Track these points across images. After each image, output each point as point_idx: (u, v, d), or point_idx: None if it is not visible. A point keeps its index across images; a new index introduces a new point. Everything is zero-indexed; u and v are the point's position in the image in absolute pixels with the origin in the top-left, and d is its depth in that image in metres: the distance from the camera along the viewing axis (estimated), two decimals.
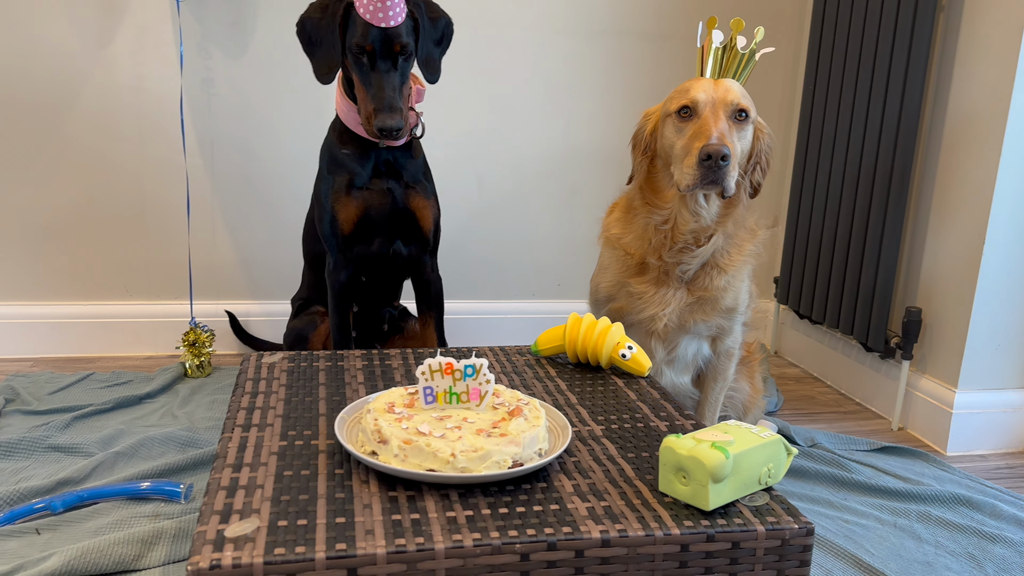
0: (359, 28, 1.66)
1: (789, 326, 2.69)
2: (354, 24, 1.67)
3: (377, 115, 1.66)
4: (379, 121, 1.66)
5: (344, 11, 1.68)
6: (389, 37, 1.66)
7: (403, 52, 1.69)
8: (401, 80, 1.70)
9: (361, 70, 1.69)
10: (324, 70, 1.74)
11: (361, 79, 1.70)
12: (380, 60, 1.67)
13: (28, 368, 2.28)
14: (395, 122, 1.66)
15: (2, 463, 1.70)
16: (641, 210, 1.62)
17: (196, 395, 2.11)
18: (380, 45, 1.66)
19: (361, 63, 1.68)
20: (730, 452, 0.93)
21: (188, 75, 2.30)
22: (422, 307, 1.97)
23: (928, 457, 1.93)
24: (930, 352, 2.07)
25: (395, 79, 1.69)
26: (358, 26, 1.66)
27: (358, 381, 1.34)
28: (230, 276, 2.48)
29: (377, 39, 1.66)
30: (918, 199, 2.11)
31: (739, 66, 1.54)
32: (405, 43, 1.68)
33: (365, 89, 1.69)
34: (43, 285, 2.38)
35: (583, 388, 1.34)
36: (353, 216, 1.78)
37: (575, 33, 2.50)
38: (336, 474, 1.01)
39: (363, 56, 1.67)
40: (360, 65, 1.69)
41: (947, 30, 2.01)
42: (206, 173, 2.39)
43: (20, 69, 2.23)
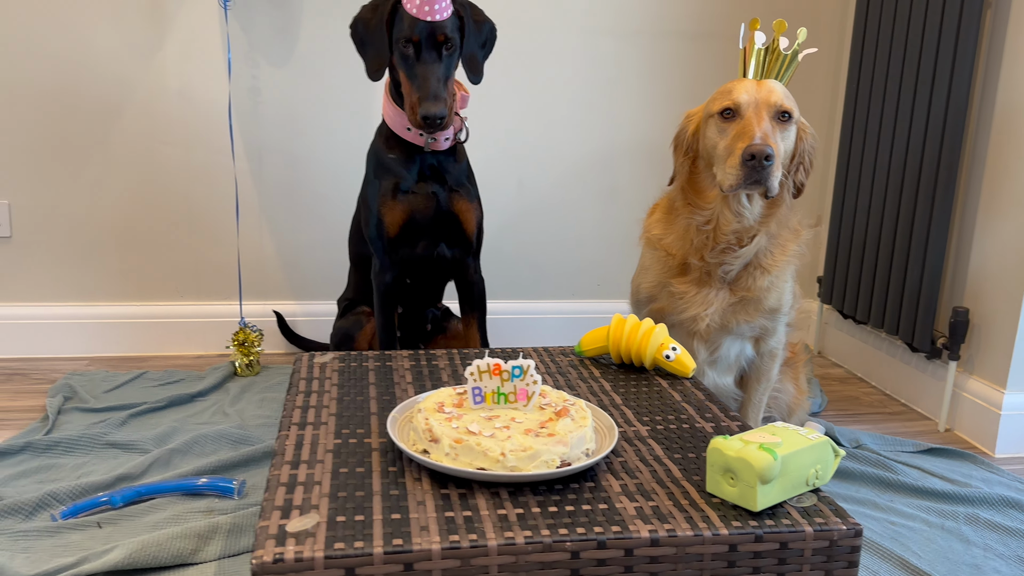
0: (406, 22, 1.71)
1: (833, 326, 2.67)
2: (401, 19, 1.72)
3: (421, 104, 1.69)
4: (423, 109, 1.68)
5: (392, 9, 1.74)
6: (434, 29, 1.71)
7: (447, 44, 1.73)
8: (445, 72, 1.73)
9: (407, 63, 1.73)
10: (374, 67, 1.78)
11: (406, 72, 1.74)
12: (425, 51, 1.71)
13: (84, 367, 2.36)
14: (439, 110, 1.68)
15: (64, 459, 1.76)
16: (683, 211, 1.63)
17: (246, 393, 2.17)
18: (425, 37, 1.71)
19: (407, 56, 1.72)
20: (778, 454, 0.94)
21: (235, 82, 2.36)
22: (465, 308, 2.00)
23: (976, 459, 1.91)
24: (978, 352, 2.05)
25: (439, 70, 1.72)
26: (405, 20, 1.71)
27: (407, 381, 1.37)
28: (277, 277, 2.53)
29: (423, 31, 1.70)
30: (965, 197, 2.08)
31: (782, 67, 1.54)
32: (450, 36, 1.72)
33: (410, 81, 1.73)
34: (97, 287, 2.45)
35: (627, 389, 1.36)
36: (399, 220, 1.82)
37: (614, 33, 2.51)
38: (390, 471, 1.04)
39: (409, 47, 1.71)
40: (406, 59, 1.73)
41: (995, 26, 1.98)
42: (253, 177, 2.44)
43: (72, 77, 2.31)
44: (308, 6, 2.36)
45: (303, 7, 2.36)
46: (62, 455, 1.78)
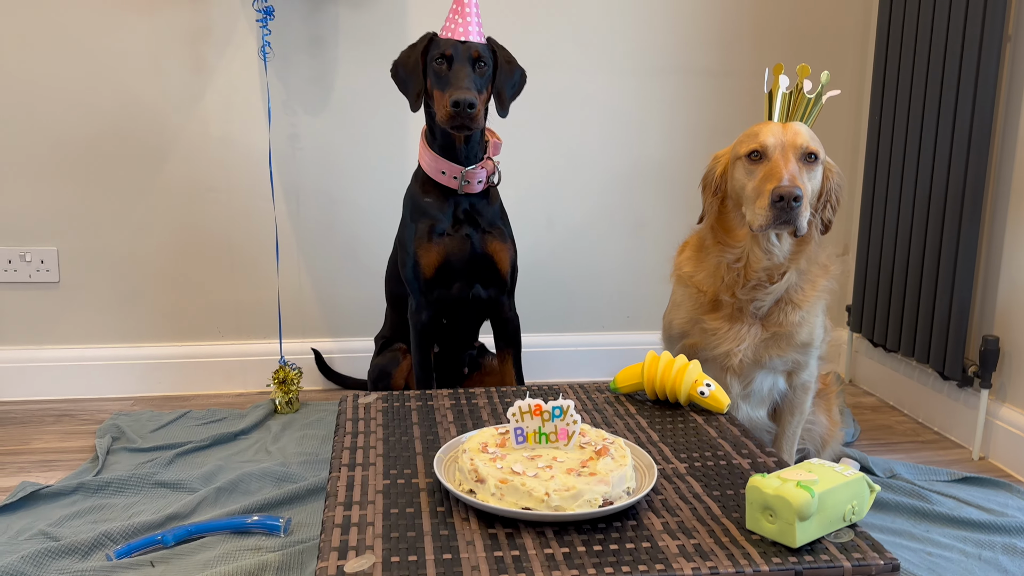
0: (440, 45, 1.81)
1: (863, 355, 2.68)
2: (436, 45, 1.83)
3: (452, 93, 1.74)
4: (453, 96, 1.73)
5: (428, 42, 1.84)
6: (467, 46, 1.80)
7: (480, 61, 1.82)
8: (477, 83, 1.80)
9: (439, 78, 1.81)
10: (414, 98, 1.86)
11: (438, 85, 1.81)
12: (457, 62, 1.79)
13: (129, 407, 2.43)
14: (468, 97, 1.72)
15: (115, 499, 1.82)
16: (713, 249, 1.66)
17: (287, 431, 2.22)
18: (458, 52, 1.80)
19: (440, 72, 1.80)
20: (815, 491, 0.97)
21: (275, 129, 2.45)
22: (500, 344, 2.05)
23: (1012, 488, 1.91)
24: (1010, 380, 2.06)
25: (472, 74, 1.78)
26: (439, 43, 1.82)
27: (448, 420, 1.42)
28: (315, 315, 2.60)
29: (456, 47, 1.80)
30: (991, 226, 2.11)
31: (806, 110, 1.58)
32: (482, 54, 1.82)
33: (442, 88, 1.80)
34: (141, 328, 2.53)
35: (663, 425, 1.39)
36: (435, 261, 1.87)
37: (639, 72, 2.57)
38: (438, 511, 1.08)
39: (443, 63, 1.80)
40: (439, 75, 1.81)
41: (1015, 58, 2.02)
42: (292, 219, 2.52)
43: (119, 127, 2.40)
44: (343, 56, 2.45)
45: (338, 57, 2.44)
46: (113, 495, 1.84)
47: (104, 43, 2.35)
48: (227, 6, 2.37)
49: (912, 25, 2.27)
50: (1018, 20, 2.01)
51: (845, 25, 2.63)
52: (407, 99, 1.89)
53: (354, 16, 2.43)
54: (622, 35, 2.54)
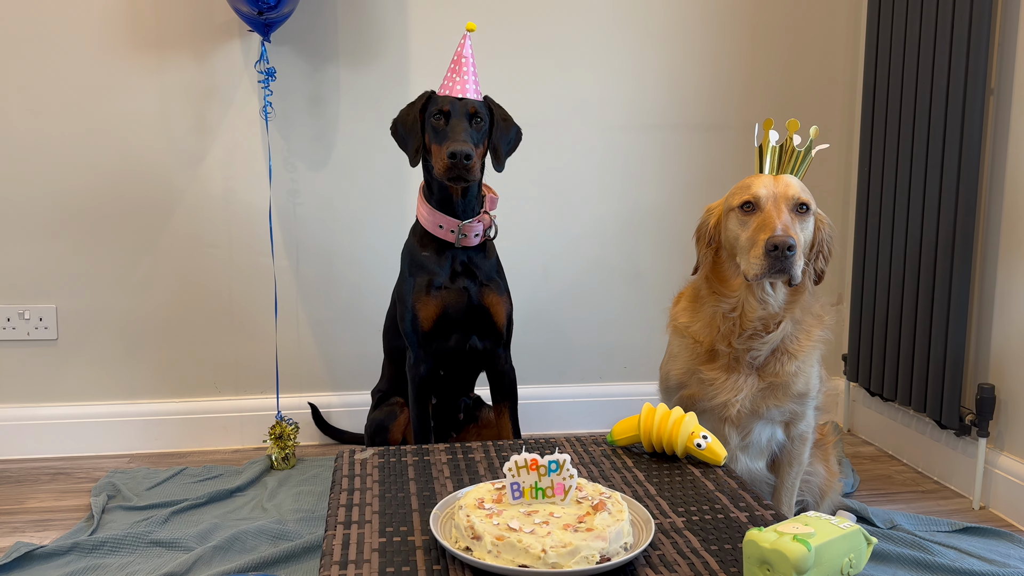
0: (438, 102, 1.86)
1: (861, 404, 2.68)
2: (434, 102, 1.87)
3: (449, 145, 1.78)
4: (450, 148, 1.77)
5: (427, 99, 1.88)
6: (464, 103, 1.84)
7: (477, 116, 1.85)
8: (473, 136, 1.83)
9: (436, 133, 1.85)
10: (412, 153, 1.90)
11: (436, 137, 1.85)
12: (454, 117, 1.83)
13: (125, 464, 2.42)
14: (465, 149, 1.76)
15: (109, 558, 1.80)
16: (708, 299, 1.68)
17: (283, 487, 2.21)
18: (455, 107, 1.84)
19: (437, 127, 1.84)
20: (812, 544, 0.97)
21: (275, 186, 2.48)
22: (497, 397, 2.05)
23: (1013, 537, 1.89)
24: (1007, 429, 2.06)
25: (468, 128, 1.82)
26: (437, 100, 1.86)
27: (445, 475, 1.41)
28: (312, 369, 2.60)
29: (453, 104, 1.84)
30: (982, 274, 2.13)
31: (796, 162, 1.61)
32: (479, 111, 1.86)
33: (438, 141, 1.83)
34: (138, 385, 2.53)
35: (661, 479, 1.39)
36: (432, 314, 1.89)
37: (632, 127, 2.62)
38: (434, 570, 1.07)
39: (440, 119, 1.84)
40: (436, 130, 1.85)
41: (998, 111, 2.06)
42: (291, 275, 2.54)
43: (121, 184, 2.44)
44: (343, 114, 2.49)
45: (339, 115, 2.49)
46: (108, 555, 1.82)
47: (108, 102, 2.40)
48: (230, 68, 2.43)
49: (898, 80, 2.32)
50: (1000, 74, 2.06)
51: (833, 80, 2.69)
52: (407, 155, 1.93)
53: (355, 76, 2.49)
54: (615, 92, 2.60)
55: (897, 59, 2.32)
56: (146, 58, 2.40)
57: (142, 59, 2.40)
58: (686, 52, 2.61)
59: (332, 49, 2.47)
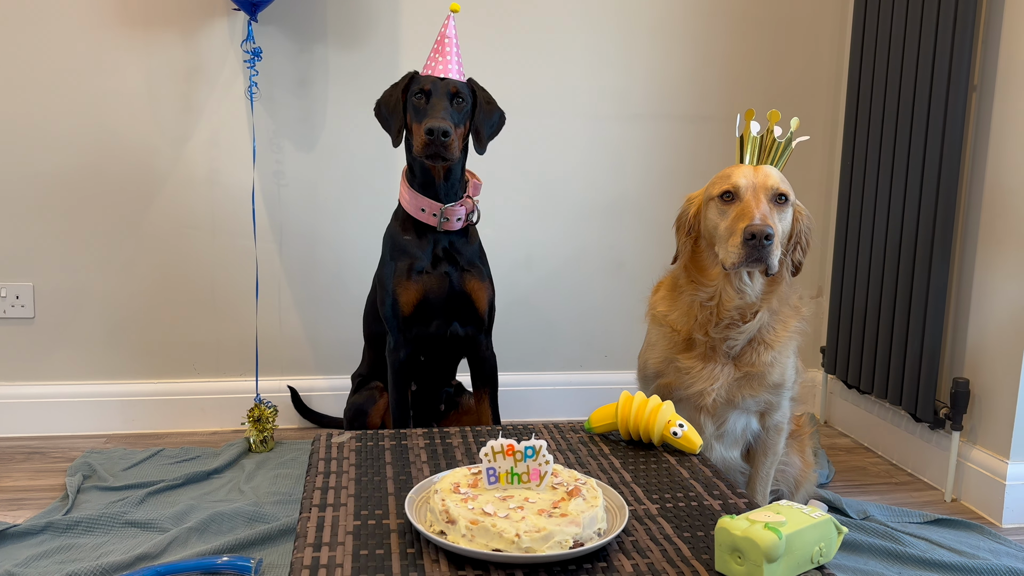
0: (420, 81, 1.85)
1: (838, 396, 2.70)
2: (416, 81, 1.86)
3: (427, 122, 1.77)
4: (427, 124, 1.76)
5: (409, 79, 1.88)
6: (446, 82, 1.84)
7: (459, 96, 1.84)
8: (454, 116, 1.83)
9: (417, 111, 1.84)
10: (395, 133, 1.90)
11: (416, 116, 1.84)
12: (435, 96, 1.83)
13: (102, 445, 2.40)
14: (444, 125, 1.75)
15: (83, 539, 1.79)
16: (687, 288, 1.69)
17: (260, 470, 2.20)
18: (437, 86, 1.83)
19: (419, 106, 1.84)
20: (783, 532, 0.98)
21: (260, 168, 2.47)
22: (477, 383, 2.05)
23: (983, 529, 1.92)
24: (980, 423, 2.08)
25: (448, 106, 1.82)
26: (419, 80, 1.86)
27: (422, 460, 1.41)
28: (292, 352, 2.59)
29: (435, 83, 1.84)
30: (960, 272, 2.15)
31: (776, 153, 1.62)
32: (461, 91, 1.85)
33: (418, 119, 1.83)
34: (116, 365, 2.52)
35: (636, 466, 1.40)
36: (413, 299, 1.89)
37: (617, 117, 2.62)
38: (408, 553, 1.07)
39: (422, 98, 1.83)
40: (417, 108, 1.84)
41: (980, 108, 2.08)
42: (274, 257, 2.53)
43: (103, 163, 2.41)
44: (331, 95, 2.48)
45: (326, 97, 2.47)
46: (82, 535, 1.81)
47: (92, 81, 2.37)
48: (216, 47, 2.40)
49: (882, 75, 2.33)
50: (983, 70, 2.07)
51: (818, 74, 2.70)
52: (389, 136, 1.92)
53: (343, 57, 2.47)
54: (601, 82, 2.59)
55: (882, 54, 2.33)
56: (131, 36, 2.37)
57: (127, 37, 2.37)
58: (672, 43, 2.61)
59: (320, 30, 2.45)
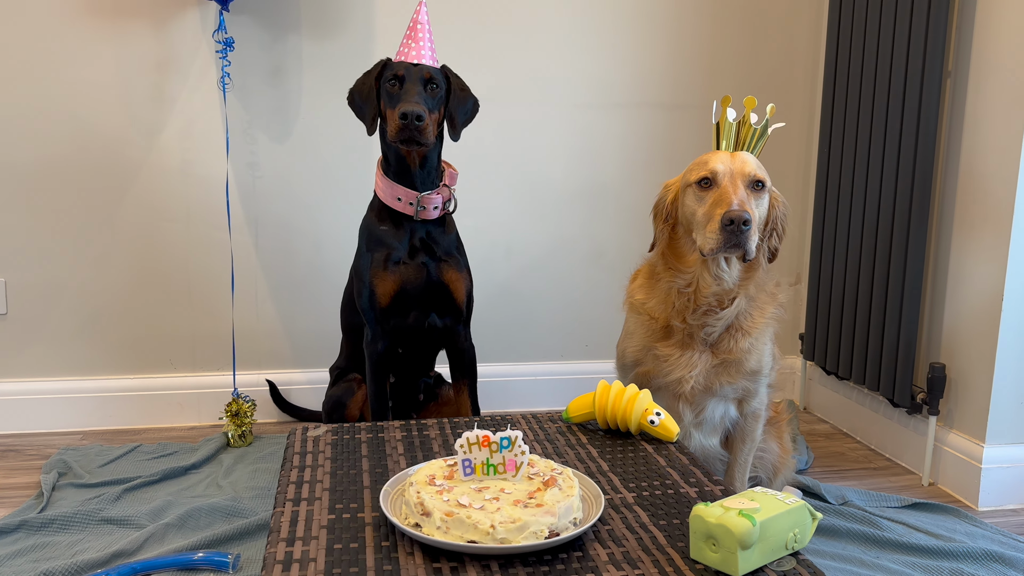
0: (393, 67, 1.84)
1: (817, 382, 2.72)
2: (389, 67, 1.85)
3: (401, 107, 1.76)
4: (402, 108, 1.75)
5: (382, 67, 1.86)
6: (420, 68, 1.83)
7: (432, 82, 1.83)
8: (427, 101, 1.81)
9: (390, 96, 1.83)
10: (369, 121, 1.88)
11: (389, 101, 1.83)
12: (408, 82, 1.82)
13: (78, 441, 2.37)
14: (417, 109, 1.74)
15: (58, 536, 1.77)
16: (664, 275, 1.68)
17: (239, 465, 2.19)
18: (410, 72, 1.82)
19: (392, 93, 1.82)
20: (757, 519, 0.98)
21: (234, 159, 2.44)
22: (456, 374, 2.04)
23: (960, 513, 1.94)
24: (956, 407, 2.10)
25: (421, 91, 1.81)
26: (392, 66, 1.85)
27: (398, 452, 1.41)
28: (270, 346, 2.57)
29: (408, 69, 1.83)
30: (936, 257, 2.16)
31: (753, 140, 1.61)
32: (435, 77, 1.84)
33: (392, 105, 1.82)
34: (91, 361, 2.49)
35: (614, 455, 1.40)
36: (390, 290, 1.87)
37: (596, 106, 2.61)
38: (383, 546, 1.07)
39: (395, 84, 1.82)
40: (391, 95, 1.83)
41: (954, 93, 2.08)
42: (250, 249, 2.50)
43: (74, 155, 2.38)
44: (305, 86, 2.45)
45: (301, 87, 2.45)
46: (57, 533, 1.79)
47: (62, 71, 2.33)
48: (188, 37, 2.37)
49: (858, 62, 2.34)
50: (957, 56, 2.07)
51: (794, 61, 2.70)
52: (364, 124, 1.91)
53: (317, 47, 2.44)
54: (579, 70, 2.58)
55: (857, 41, 2.34)
56: (101, 26, 2.33)
57: (97, 27, 2.33)
58: (650, 31, 2.60)
59: (293, 19, 2.42)
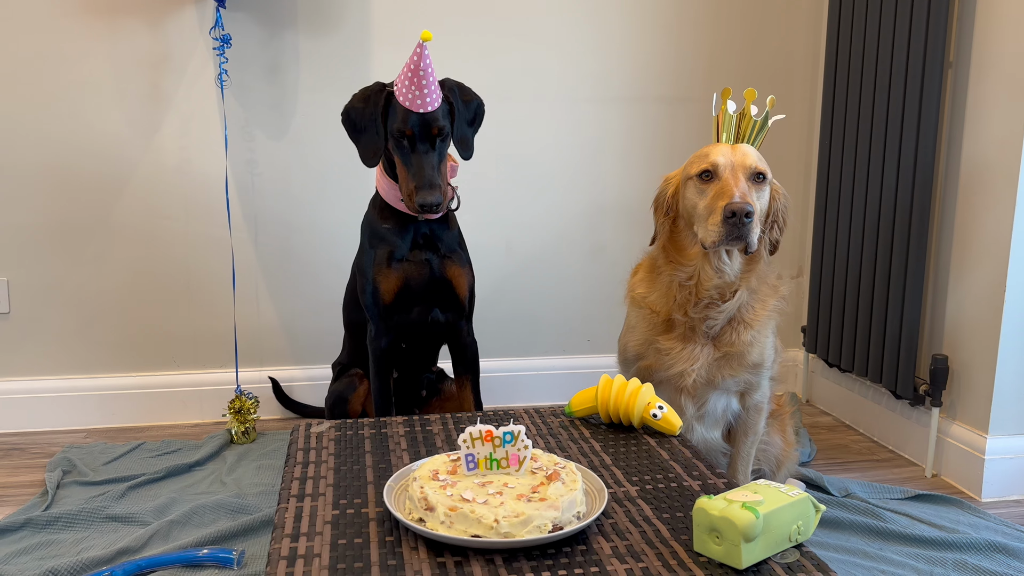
0: (399, 115, 1.78)
1: (819, 375, 2.72)
2: (395, 111, 1.80)
3: (418, 192, 1.77)
4: (420, 198, 1.77)
5: (385, 100, 1.81)
6: (427, 122, 1.78)
7: (440, 134, 1.81)
8: (439, 159, 1.82)
9: (402, 152, 1.81)
10: (369, 155, 1.86)
11: (403, 160, 1.82)
12: (419, 143, 1.79)
13: (82, 439, 2.38)
14: (435, 198, 1.77)
15: (63, 534, 1.78)
16: (665, 268, 1.68)
17: (243, 461, 2.19)
18: (419, 129, 1.78)
19: (402, 146, 1.80)
20: (760, 512, 0.98)
21: (232, 156, 2.44)
22: (459, 369, 2.04)
23: (963, 504, 1.94)
24: (959, 399, 2.10)
25: (434, 159, 1.81)
26: (399, 113, 1.78)
27: (402, 448, 1.41)
28: (272, 343, 2.57)
29: (416, 124, 1.78)
30: (938, 248, 2.15)
31: (753, 132, 1.61)
32: (442, 126, 1.80)
33: (407, 169, 1.81)
34: (94, 359, 2.49)
35: (616, 449, 1.40)
36: (394, 287, 1.87)
37: (595, 100, 2.61)
38: (387, 541, 1.07)
39: (404, 140, 1.80)
40: (401, 148, 1.81)
41: (956, 85, 2.08)
42: (249, 247, 2.51)
43: (74, 157, 2.38)
44: (302, 82, 2.45)
45: (298, 84, 2.45)
46: (62, 530, 1.79)
47: (58, 71, 2.33)
48: (185, 34, 2.37)
49: (859, 53, 2.33)
50: (959, 48, 2.07)
51: (795, 53, 2.69)
52: (356, 147, 1.87)
53: (314, 44, 2.44)
54: (577, 63, 2.58)
55: (858, 32, 2.33)
56: (97, 24, 2.33)
57: (93, 25, 2.33)
58: (648, 24, 2.59)
59: (290, 15, 2.41)
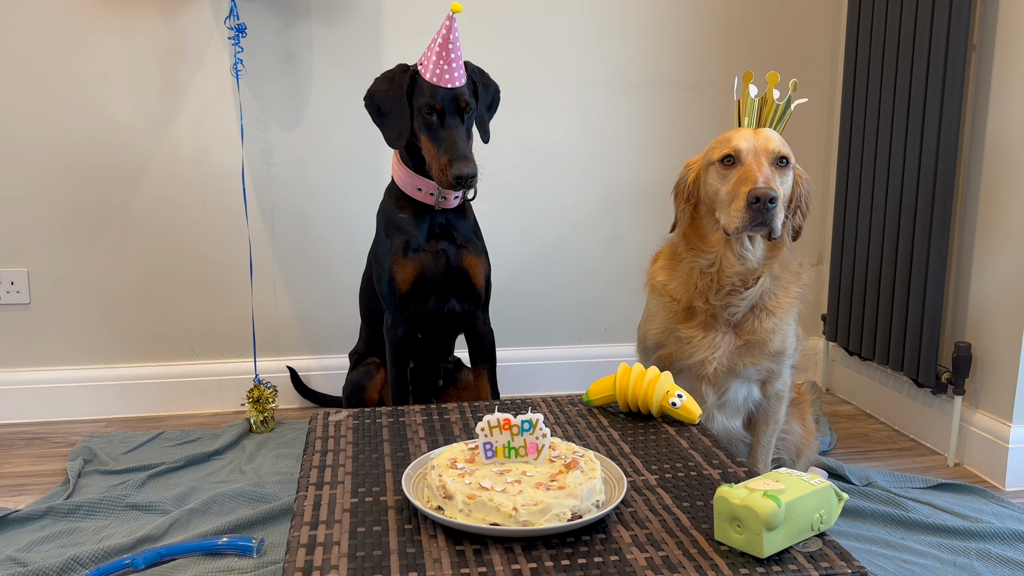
0: (427, 90, 1.79)
1: (839, 363, 2.69)
2: (421, 89, 1.80)
3: (453, 165, 1.76)
4: (455, 170, 1.75)
5: (410, 80, 1.82)
6: (456, 96, 1.79)
7: (468, 109, 1.82)
8: (468, 134, 1.83)
9: (430, 129, 1.81)
10: (395, 135, 1.86)
11: (431, 137, 1.81)
12: (449, 116, 1.79)
13: (102, 429, 2.40)
14: (470, 170, 1.76)
15: (85, 522, 1.79)
16: (686, 255, 1.66)
17: (262, 450, 2.20)
18: (448, 103, 1.79)
19: (431, 122, 1.80)
20: (782, 500, 0.97)
21: (248, 146, 2.44)
22: (475, 359, 2.04)
23: (986, 493, 1.92)
24: (982, 387, 2.07)
25: (463, 132, 1.81)
26: (426, 89, 1.79)
27: (419, 436, 1.41)
28: (290, 333, 2.58)
29: (446, 98, 1.78)
30: (961, 235, 2.12)
31: (775, 116, 1.59)
32: (469, 101, 1.81)
33: (436, 145, 1.80)
34: (114, 349, 2.51)
35: (635, 437, 1.39)
36: (410, 276, 1.87)
37: (612, 86, 2.58)
38: (406, 529, 1.07)
39: (432, 115, 1.79)
40: (429, 125, 1.80)
41: (980, 68, 2.04)
42: (266, 237, 2.51)
43: (91, 148, 2.39)
44: (317, 72, 2.44)
45: (312, 73, 2.44)
46: (84, 519, 1.81)
47: (75, 63, 2.34)
48: (200, 24, 2.37)
49: (880, 36, 2.29)
50: (983, 30, 2.03)
51: (815, 36, 2.66)
52: (381, 130, 1.88)
53: (328, 32, 2.43)
54: (594, 50, 2.56)
55: (880, 14, 2.29)
56: (112, 15, 2.33)
57: (108, 17, 2.33)
58: (666, 9, 2.56)
59: (304, 4, 2.41)
